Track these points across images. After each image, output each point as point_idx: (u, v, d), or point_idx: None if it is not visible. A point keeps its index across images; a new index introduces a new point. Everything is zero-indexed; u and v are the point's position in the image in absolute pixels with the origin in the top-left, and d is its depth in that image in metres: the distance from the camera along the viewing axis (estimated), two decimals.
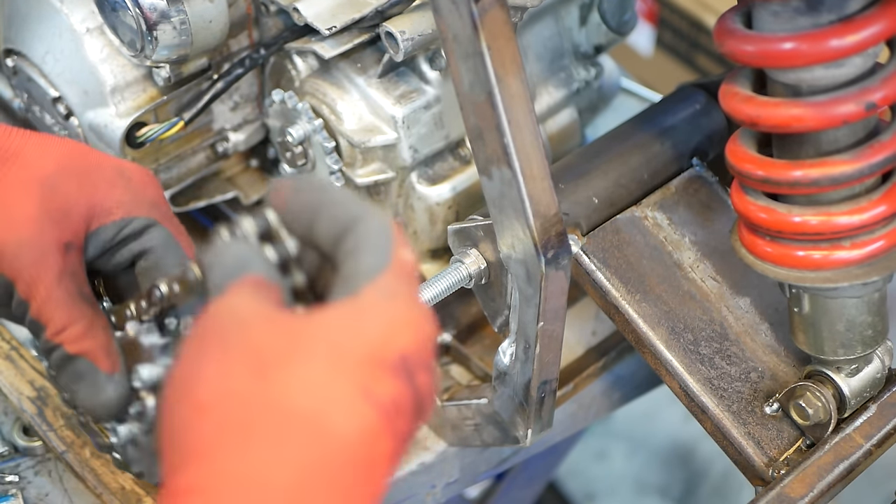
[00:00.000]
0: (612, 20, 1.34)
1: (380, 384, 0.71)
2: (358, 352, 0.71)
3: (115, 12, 1.15)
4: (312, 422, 0.69)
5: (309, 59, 1.22)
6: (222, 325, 0.72)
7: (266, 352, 0.71)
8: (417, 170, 1.23)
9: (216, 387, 0.70)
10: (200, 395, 0.70)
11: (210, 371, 0.71)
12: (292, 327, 0.72)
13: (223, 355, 0.71)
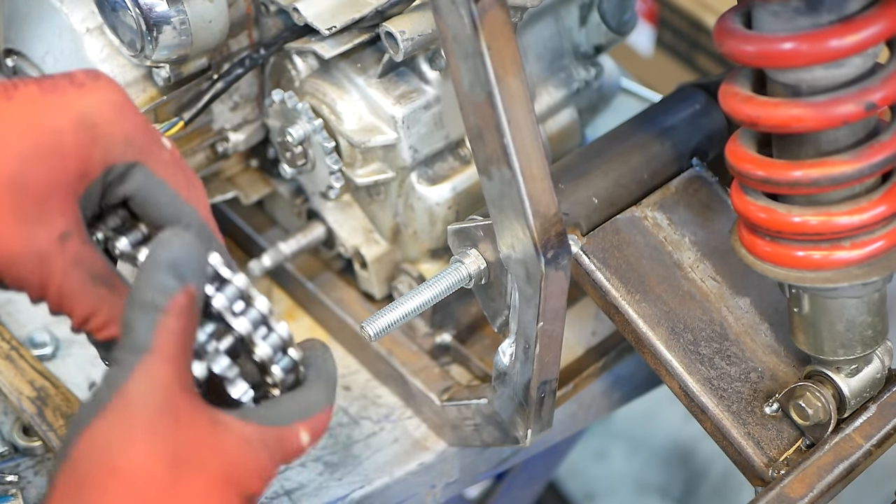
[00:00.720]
0: (612, 20, 1.34)
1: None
2: (236, 480, 0.81)
3: (114, 12, 1.15)
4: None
5: (309, 59, 1.23)
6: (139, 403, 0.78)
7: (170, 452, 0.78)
8: (417, 170, 1.23)
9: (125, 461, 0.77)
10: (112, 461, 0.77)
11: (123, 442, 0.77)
12: (197, 435, 0.79)
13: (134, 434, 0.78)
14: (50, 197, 0.85)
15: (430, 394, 1.25)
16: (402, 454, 1.26)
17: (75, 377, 1.29)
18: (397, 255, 1.30)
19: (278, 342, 0.87)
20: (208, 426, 0.81)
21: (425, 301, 1.08)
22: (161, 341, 0.79)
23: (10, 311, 1.34)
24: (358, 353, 1.34)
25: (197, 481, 0.78)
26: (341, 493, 1.23)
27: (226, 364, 0.85)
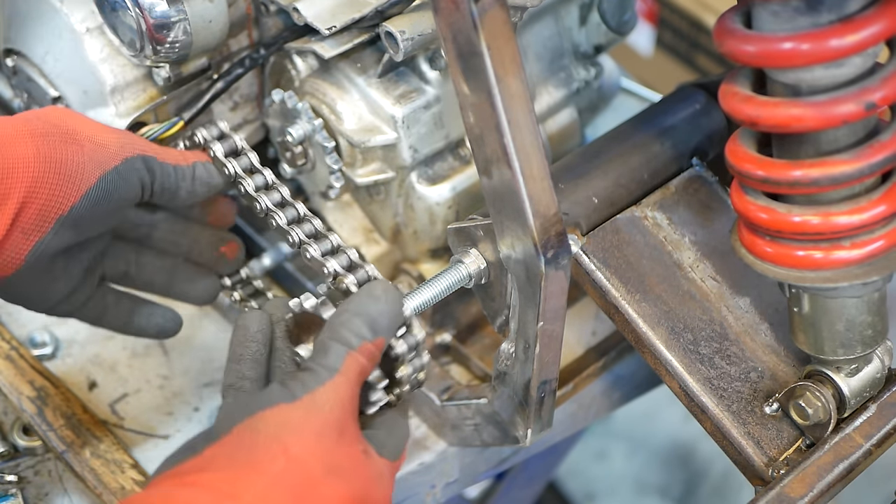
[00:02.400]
0: (612, 20, 1.34)
1: None
2: (370, 498, 0.92)
3: (114, 12, 1.15)
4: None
5: (309, 58, 1.23)
6: (323, 410, 0.91)
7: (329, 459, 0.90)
8: (417, 169, 1.23)
9: (296, 448, 0.89)
10: (287, 442, 0.88)
11: (300, 433, 0.89)
12: (351, 455, 0.92)
13: (310, 431, 0.90)
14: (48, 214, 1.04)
15: (430, 393, 1.25)
16: None
17: (75, 377, 1.29)
18: (397, 255, 1.30)
19: (419, 367, 1.02)
20: (360, 451, 0.93)
21: (425, 301, 1.07)
22: (348, 369, 0.93)
23: (10, 311, 1.34)
24: None
25: (339, 490, 0.89)
26: None
27: (377, 374, 0.97)
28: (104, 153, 1.03)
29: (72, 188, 1.01)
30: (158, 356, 1.32)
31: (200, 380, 1.31)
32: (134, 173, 1.05)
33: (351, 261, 1.06)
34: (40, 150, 0.99)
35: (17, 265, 1.02)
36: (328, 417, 0.91)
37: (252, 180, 1.12)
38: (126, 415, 1.27)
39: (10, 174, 0.97)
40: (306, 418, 0.90)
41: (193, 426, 1.27)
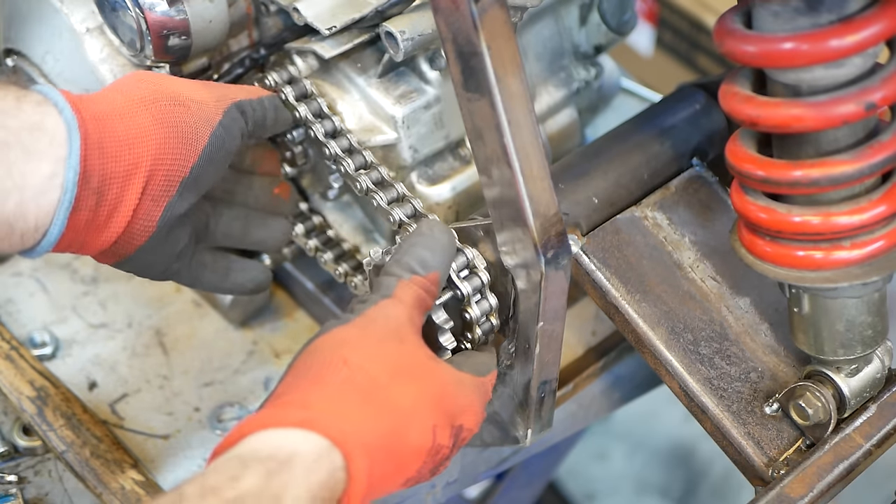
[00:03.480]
0: (612, 20, 1.34)
1: (441, 431, 0.96)
2: (451, 402, 0.97)
3: (114, 12, 1.15)
4: (394, 418, 0.92)
5: (309, 58, 1.22)
6: (377, 323, 0.97)
7: (392, 363, 0.95)
8: (417, 170, 1.23)
9: (356, 357, 0.94)
10: (346, 354, 0.94)
11: (357, 345, 0.95)
12: (428, 365, 0.98)
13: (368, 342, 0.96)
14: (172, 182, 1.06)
15: None
16: None
17: (75, 377, 1.29)
18: None
19: (487, 309, 1.06)
20: (427, 358, 0.98)
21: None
22: (400, 293, 0.99)
23: (10, 311, 1.34)
24: None
25: (409, 391, 0.94)
26: None
27: (443, 317, 1.04)
28: (207, 110, 1.06)
29: (191, 150, 1.03)
30: (158, 356, 1.32)
31: (200, 380, 1.31)
32: (234, 123, 1.08)
33: (415, 209, 1.12)
34: (156, 117, 1.01)
35: (150, 232, 1.04)
36: (384, 328, 0.96)
37: (322, 125, 1.16)
38: (126, 415, 1.27)
39: (136, 144, 0.99)
40: (363, 332, 0.96)
41: (193, 426, 1.27)
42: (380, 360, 0.95)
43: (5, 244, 0.97)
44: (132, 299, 1.37)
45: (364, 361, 0.94)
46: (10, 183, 0.94)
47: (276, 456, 0.85)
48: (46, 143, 0.95)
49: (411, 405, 0.94)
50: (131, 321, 1.35)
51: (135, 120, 1.00)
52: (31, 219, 0.96)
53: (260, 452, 0.85)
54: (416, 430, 0.94)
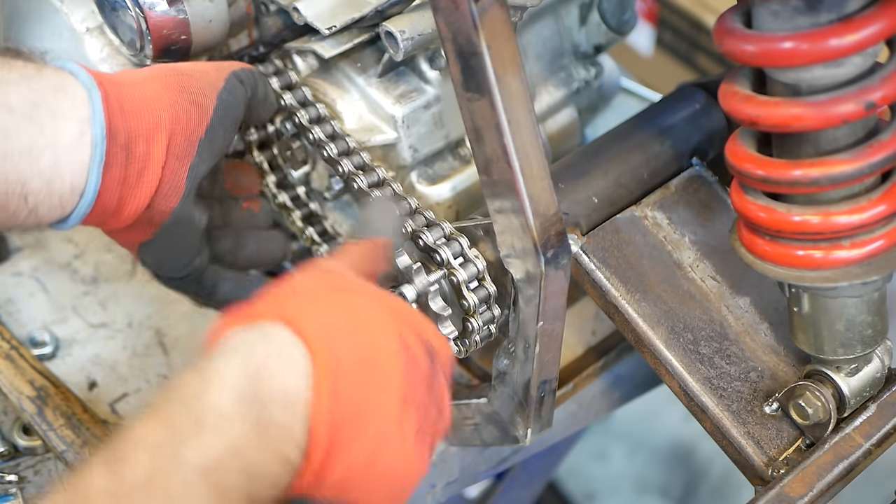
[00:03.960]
0: (612, 20, 1.34)
1: (409, 338, 0.90)
2: (407, 313, 0.94)
3: (115, 12, 1.15)
4: (361, 336, 0.87)
5: (309, 58, 1.23)
6: (318, 265, 0.97)
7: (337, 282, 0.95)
8: (417, 169, 1.23)
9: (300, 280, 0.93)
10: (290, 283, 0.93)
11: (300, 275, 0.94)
12: (372, 286, 0.97)
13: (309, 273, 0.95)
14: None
15: None
16: None
17: (75, 377, 1.29)
18: None
19: (485, 296, 1.09)
20: (374, 286, 0.97)
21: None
22: (342, 252, 1.02)
23: (10, 311, 1.34)
24: None
25: (359, 297, 0.92)
26: None
27: (440, 305, 1.07)
28: (210, 77, 1.08)
29: (202, 111, 1.05)
30: (158, 356, 1.32)
31: None
32: (237, 90, 1.09)
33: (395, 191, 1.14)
34: (166, 84, 1.04)
35: (180, 193, 1.05)
36: (325, 266, 0.97)
37: (306, 112, 1.17)
38: (126, 414, 1.27)
39: (153, 105, 1.01)
40: (303, 271, 0.95)
41: None
42: (324, 282, 0.94)
43: (45, 208, 0.99)
44: (132, 299, 1.37)
45: (309, 282, 0.93)
46: (42, 141, 0.96)
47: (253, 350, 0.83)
48: (69, 104, 0.97)
49: (363, 307, 0.90)
50: (131, 321, 1.35)
51: (147, 86, 1.03)
52: (67, 177, 0.98)
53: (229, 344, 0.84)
54: (377, 328, 0.88)
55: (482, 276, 1.08)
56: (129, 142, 0.99)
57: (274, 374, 0.80)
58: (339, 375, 0.82)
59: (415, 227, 1.10)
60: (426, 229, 1.09)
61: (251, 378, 0.79)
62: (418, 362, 0.90)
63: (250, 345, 0.81)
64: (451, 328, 1.08)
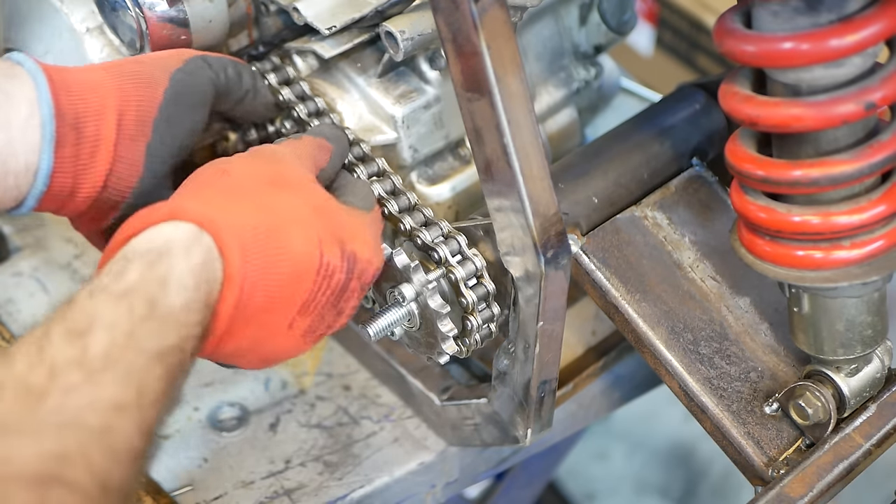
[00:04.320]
0: (612, 20, 1.34)
1: (329, 248, 0.98)
2: (335, 220, 1.00)
3: (114, 12, 1.15)
4: (277, 243, 0.94)
5: (309, 58, 1.22)
6: (261, 150, 1.04)
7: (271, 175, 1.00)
8: (417, 169, 1.23)
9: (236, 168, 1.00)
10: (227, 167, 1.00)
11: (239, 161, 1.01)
12: (308, 182, 1.02)
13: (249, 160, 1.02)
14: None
15: (430, 393, 1.25)
16: (402, 454, 1.27)
17: None
18: None
19: (484, 294, 1.09)
20: (310, 181, 1.02)
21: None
22: (286, 142, 1.07)
23: (10, 311, 1.34)
24: (358, 353, 1.34)
25: (287, 197, 0.98)
26: (341, 493, 1.23)
27: (439, 303, 1.07)
28: (166, 60, 1.08)
29: (152, 92, 1.05)
30: None
31: (200, 380, 1.31)
32: (199, 70, 1.09)
33: (395, 186, 1.15)
34: (110, 71, 1.05)
35: (137, 173, 1.05)
36: (268, 153, 1.03)
37: (305, 106, 1.17)
38: None
39: (100, 86, 1.02)
40: (245, 155, 1.02)
41: (193, 426, 1.27)
42: (260, 172, 0.99)
43: (0, 189, 0.99)
44: None
45: (242, 172, 0.99)
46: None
47: (154, 248, 0.89)
48: (18, 87, 0.99)
49: (289, 209, 0.97)
50: None
51: (92, 73, 1.03)
52: (21, 156, 0.98)
53: (139, 248, 0.89)
54: (297, 235, 0.96)
55: (480, 274, 1.08)
56: (77, 121, 1.00)
57: (207, 280, 0.90)
58: (245, 284, 0.92)
59: (413, 226, 1.10)
60: (424, 228, 1.10)
61: (188, 277, 0.89)
62: (331, 272, 0.98)
63: (187, 247, 0.90)
64: (450, 326, 1.08)
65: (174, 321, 0.87)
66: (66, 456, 0.76)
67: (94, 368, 0.80)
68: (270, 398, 1.31)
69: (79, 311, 0.84)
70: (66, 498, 0.74)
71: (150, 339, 0.84)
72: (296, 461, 1.25)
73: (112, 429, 0.79)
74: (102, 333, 0.82)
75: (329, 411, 1.30)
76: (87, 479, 0.76)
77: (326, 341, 1.36)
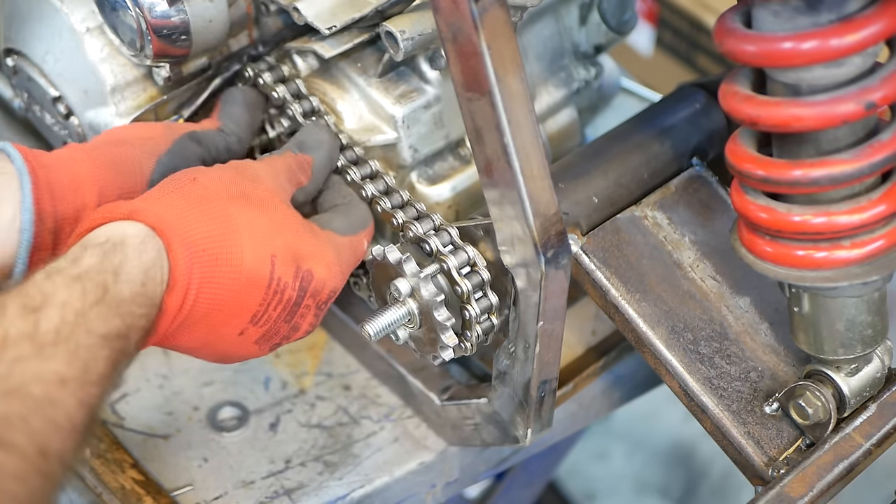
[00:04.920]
0: (612, 20, 1.34)
1: (282, 265, 1.01)
2: (294, 238, 1.03)
3: (115, 12, 1.15)
4: (228, 255, 0.98)
5: (309, 58, 1.23)
6: (237, 166, 1.07)
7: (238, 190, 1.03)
8: (417, 169, 1.23)
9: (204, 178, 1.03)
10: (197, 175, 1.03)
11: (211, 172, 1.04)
12: (274, 199, 1.05)
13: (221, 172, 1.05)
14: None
15: (430, 393, 1.25)
16: (402, 453, 1.27)
17: None
18: None
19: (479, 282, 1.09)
20: (280, 201, 1.05)
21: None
22: (267, 159, 1.10)
23: None
24: (358, 353, 1.34)
25: (247, 212, 1.01)
26: (341, 493, 1.23)
27: (433, 291, 1.07)
28: (153, 143, 1.11)
29: (136, 179, 1.08)
30: (158, 356, 1.32)
31: (200, 379, 1.31)
32: (186, 149, 1.12)
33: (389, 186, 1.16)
34: (95, 161, 1.07)
35: None
36: (243, 169, 1.06)
37: (300, 106, 1.19)
38: (126, 414, 1.27)
39: (80, 188, 1.05)
40: (220, 168, 1.05)
41: (193, 426, 1.27)
42: (227, 185, 1.02)
43: None
44: None
45: (211, 182, 1.02)
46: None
47: (110, 240, 0.93)
48: (6, 184, 1.02)
49: (246, 222, 1.00)
50: None
51: (76, 167, 1.05)
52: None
53: (96, 239, 0.94)
54: (249, 248, 0.99)
55: (474, 263, 1.09)
56: (57, 225, 1.03)
57: (154, 279, 0.94)
58: (189, 289, 0.96)
59: (406, 220, 1.11)
60: (416, 221, 1.10)
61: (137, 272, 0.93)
62: (282, 287, 1.01)
63: (139, 246, 0.94)
64: (446, 314, 1.08)
65: (123, 310, 0.91)
66: (7, 419, 0.80)
67: (44, 343, 0.84)
68: (270, 398, 1.31)
69: (34, 289, 0.88)
70: (3, 457, 0.79)
71: (98, 322, 0.88)
72: (296, 461, 1.25)
73: (54, 400, 0.83)
74: (54, 311, 0.86)
75: (329, 411, 1.30)
76: (25, 442, 0.80)
77: (327, 341, 1.36)
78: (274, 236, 1.01)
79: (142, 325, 0.93)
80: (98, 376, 0.87)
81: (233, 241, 0.99)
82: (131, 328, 0.91)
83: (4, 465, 0.79)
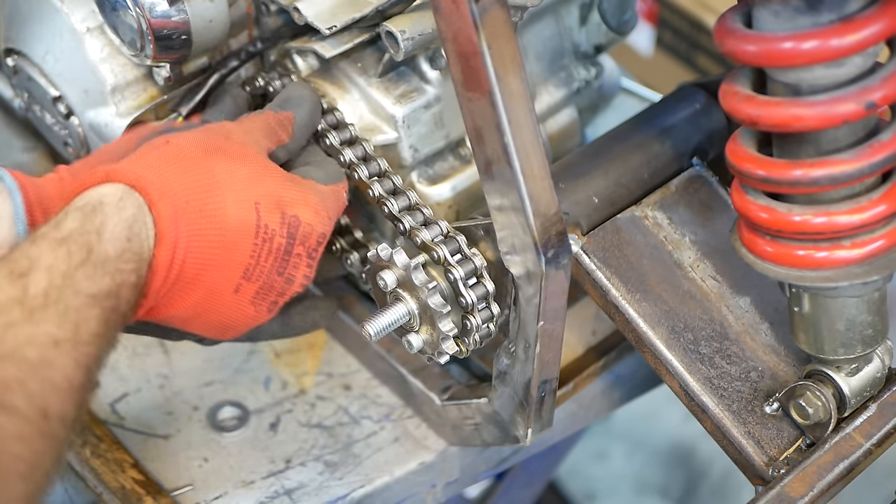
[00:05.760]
0: (612, 20, 1.34)
1: (267, 211, 1.02)
2: (276, 185, 1.03)
3: (115, 12, 1.15)
4: (212, 208, 0.99)
5: (309, 58, 1.23)
6: (211, 126, 1.07)
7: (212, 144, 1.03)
8: (417, 169, 1.23)
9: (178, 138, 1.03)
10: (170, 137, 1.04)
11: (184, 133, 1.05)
12: (249, 151, 1.05)
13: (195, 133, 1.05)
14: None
15: (431, 393, 1.25)
16: (402, 453, 1.27)
17: None
18: None
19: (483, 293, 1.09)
20: (255, 152, 1.05)
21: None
22: (244, 119, 1.10)
23: None
24: (358, 353, 1.34)
25: (224, 163, 1.01)
26: (342, 493, 1.23)
27: (439, 301, 1.07)
28: (129, 151, 1.09)
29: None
30: (158, 356, 1.32)
31: (200, 379, 1.31)
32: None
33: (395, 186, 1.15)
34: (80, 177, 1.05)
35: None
36: (217, 128, 1.06)
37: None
38: (126, 414, 1.27)
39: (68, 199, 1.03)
40: (194, 130, 1.06)
41: (193, 426, 1.27)
42: (201, 143, 1.03)
43: None
44: None
45: (184, 141, 1.03)
46: None
47: (89, 203, 0.95)
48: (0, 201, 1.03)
49: (225, 173, 1.01)
50: None
51: (62, 183, 1.06)
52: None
53: (77, 204, 0.95)
54: (231, 198, 1.00)
55: (480, 273, 1.08)
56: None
57: (139, 235, 0.95)
58: (178, 243, 0.97)
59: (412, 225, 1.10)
60: (424, 227, 1.10)
61: (121, 228, 0.94)
62: (270, 235, 1.02)
63: (118, 203, 0.95)
64: (450, 325, 1.08)
65: (110, 268, 0.92)
66: (5, 384, 0.81)
67: (34, 306, 0.86)
68: (271, 398, 1.31)
69: (20, 255, 0.89)
70: (4, 420, 0.80)
71: (86, 282, 0.90)
72: (296, 461, 1.25)
73: (49, 361, 0.85)
74: (42, 274, 0.88)
75: (329, 411, 1.30)
76: (25, 404, 0.82)
77: (326, 341, 1.36)
78: (255, 184, 1.02)
79: (132, 282, 0.94)
80: (90, 335, 0.88)
81: (214, 192, 0.99)
82: (121, 285, 0.92)
83: (6, 427, 0.80)
